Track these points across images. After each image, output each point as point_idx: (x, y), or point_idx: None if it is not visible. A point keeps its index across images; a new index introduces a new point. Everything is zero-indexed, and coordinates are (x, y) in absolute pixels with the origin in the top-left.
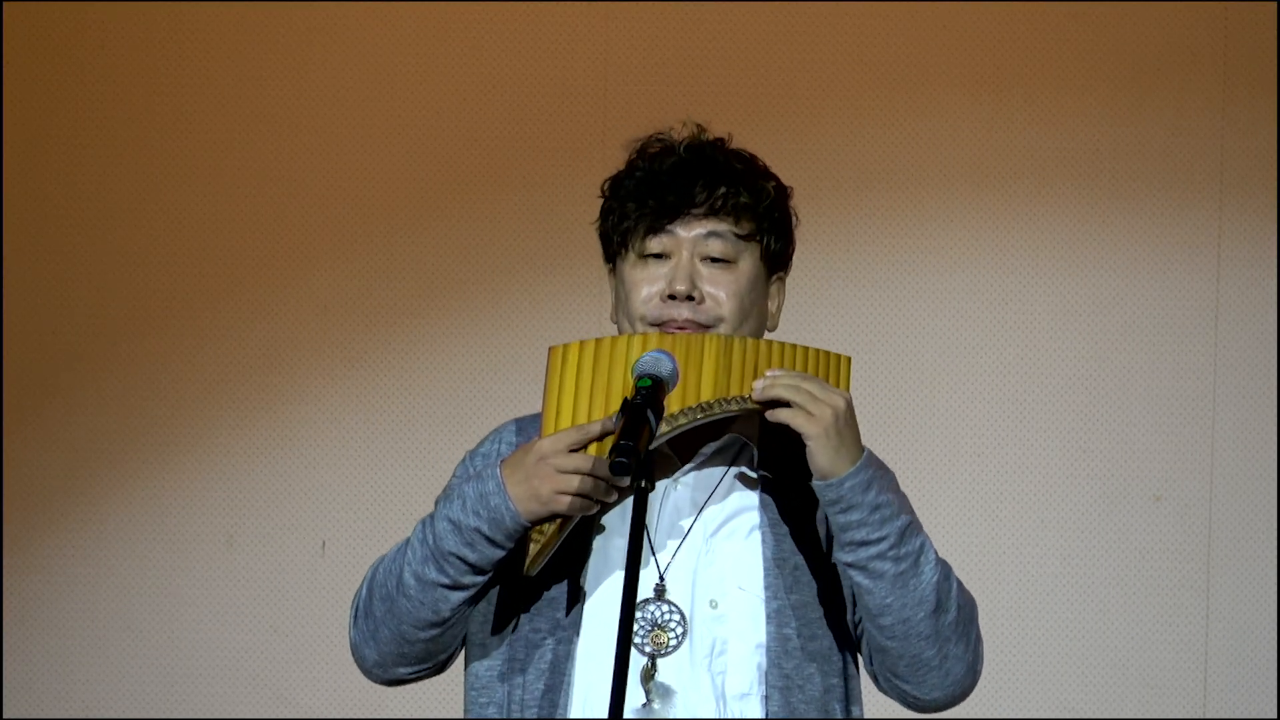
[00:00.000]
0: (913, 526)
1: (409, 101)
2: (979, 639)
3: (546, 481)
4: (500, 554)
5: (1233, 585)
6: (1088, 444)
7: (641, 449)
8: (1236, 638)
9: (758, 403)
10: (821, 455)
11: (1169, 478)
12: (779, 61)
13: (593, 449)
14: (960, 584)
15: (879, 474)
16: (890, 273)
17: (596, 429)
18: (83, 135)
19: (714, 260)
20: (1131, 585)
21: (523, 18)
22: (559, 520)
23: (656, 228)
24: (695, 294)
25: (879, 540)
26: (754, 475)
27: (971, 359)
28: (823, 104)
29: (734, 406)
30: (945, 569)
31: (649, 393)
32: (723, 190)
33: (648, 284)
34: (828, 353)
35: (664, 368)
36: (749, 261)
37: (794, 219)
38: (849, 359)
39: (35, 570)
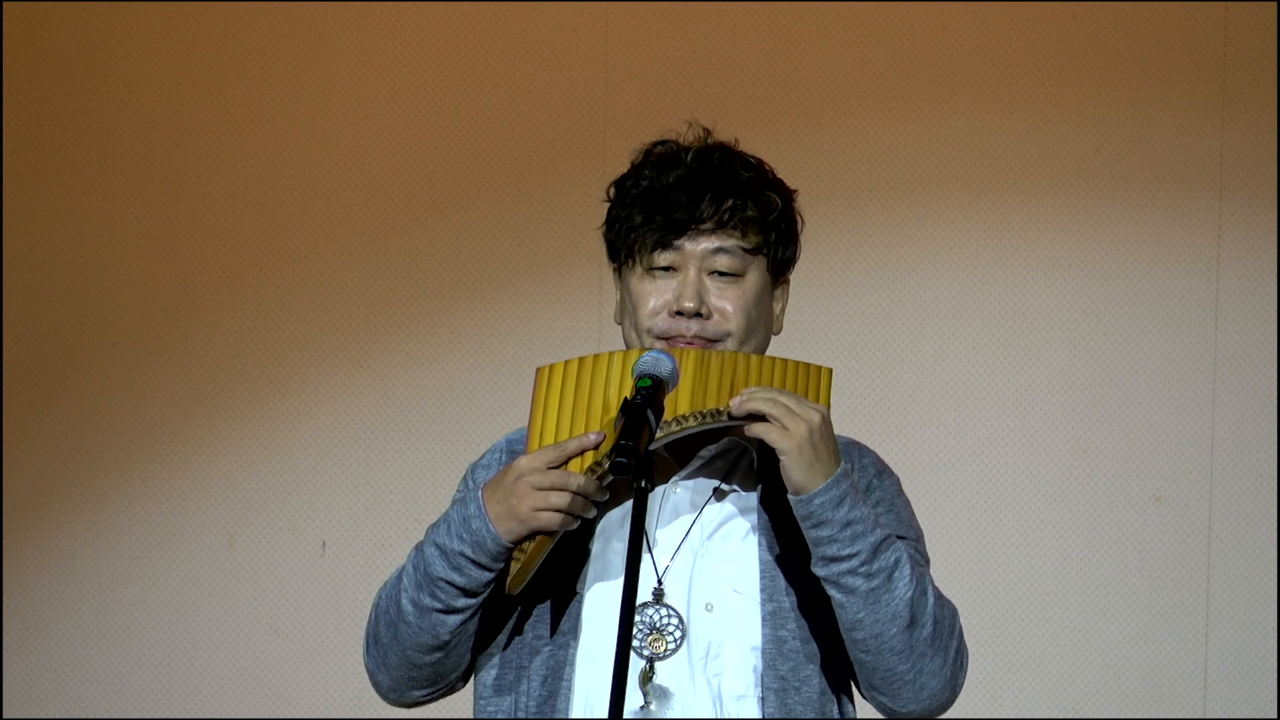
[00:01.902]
0: (887, 542)
1: (409, 102)
2: (960, 652)
3: (525, 500)
4: (488, 575)
5: (1233, 585)
6: (1088, 444)
7: (641, 449)
8: (1236, 638)
9: (735, 417)
10: (795, 470)
11: (1169, 478)
12: (779, 62)
13: (573, 465)
14: (939, 598)
15: (852, 489)
16: (890, 272)
17: (574, 446)
18: (83, 135)
19: (721, 274)
20: (1131, 585)
21: (523, 18)
22: (539, 538)
23: (664, 242)
24: (703, 310)
25: (850, 556)
26: (751, 480)
27: (971, 359)
28: (822, 104)
29: (710, 420)
30: (922, 584)
31: (649, 393)
32: (730, 204)
33: (655, 297)
34: (808, 365)
35: (664, 368)
36: (756, 274)
37: (800, 222)
38: (830, 371)
39: (35, 570)
